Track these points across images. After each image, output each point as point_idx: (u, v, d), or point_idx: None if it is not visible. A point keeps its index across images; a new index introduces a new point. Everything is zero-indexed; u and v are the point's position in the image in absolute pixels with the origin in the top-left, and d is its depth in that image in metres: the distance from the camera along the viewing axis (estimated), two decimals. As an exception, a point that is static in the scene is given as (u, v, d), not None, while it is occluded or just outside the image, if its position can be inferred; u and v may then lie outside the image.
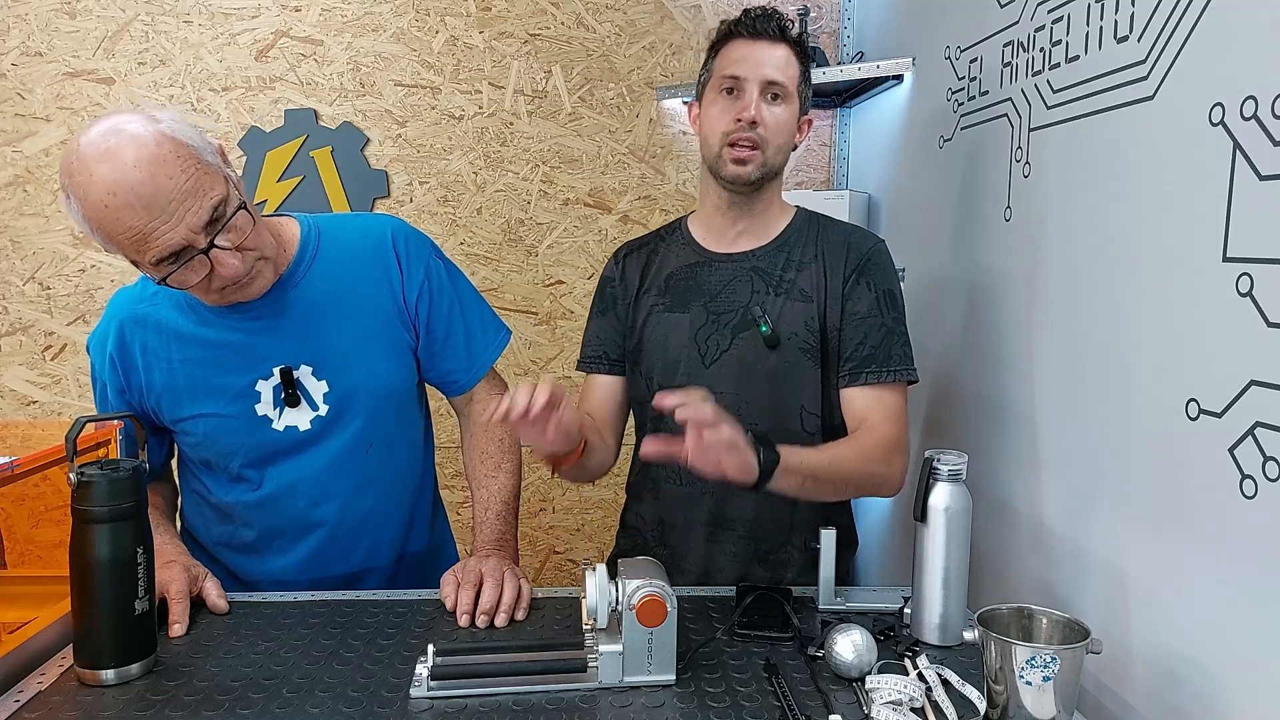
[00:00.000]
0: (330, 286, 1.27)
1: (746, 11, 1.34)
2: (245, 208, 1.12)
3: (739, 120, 1.29)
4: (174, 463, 1.39)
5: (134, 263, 1.10)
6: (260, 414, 1.25)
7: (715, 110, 1.33)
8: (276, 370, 1.24)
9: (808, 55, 1.36)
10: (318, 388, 1.26)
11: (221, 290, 1.15)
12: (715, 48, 1.37)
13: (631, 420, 1.53)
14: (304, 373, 1.26)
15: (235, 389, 1.24)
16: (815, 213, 1.44)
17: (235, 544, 1.33)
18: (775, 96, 1.31)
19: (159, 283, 1.11)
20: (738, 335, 1.35)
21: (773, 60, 1.31)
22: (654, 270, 1.44)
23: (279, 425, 1.26)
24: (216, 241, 1.09)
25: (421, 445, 1.43)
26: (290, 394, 1.24)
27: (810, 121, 1.40)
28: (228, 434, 1.25)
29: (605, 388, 1.49)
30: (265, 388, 1.25)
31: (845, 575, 1.47)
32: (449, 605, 1.20)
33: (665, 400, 1.05)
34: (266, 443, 1.26)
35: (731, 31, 1.34)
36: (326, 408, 1.27)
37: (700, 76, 1.40)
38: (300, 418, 1.26)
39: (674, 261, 1.43)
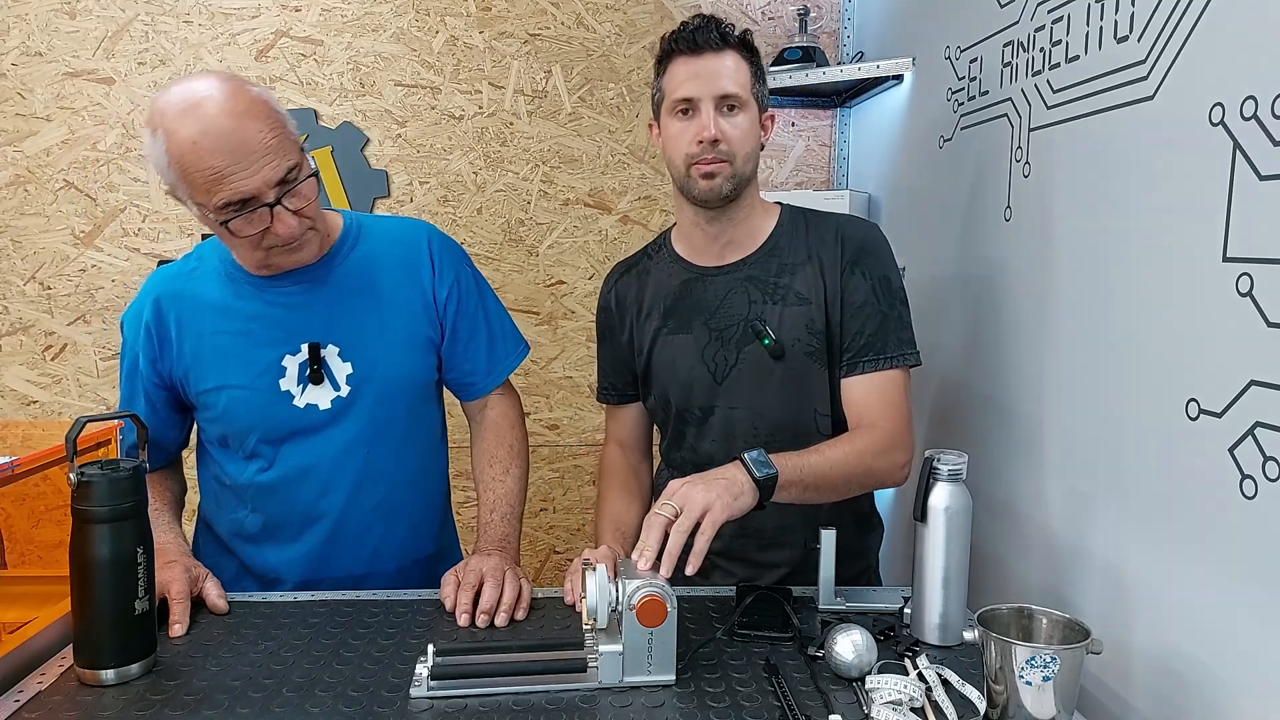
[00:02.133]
0: (365, 275, 1.32)
1: (684, 25, 1.29)
2: (316, 178, 1.20)
3: (700, 142, 1.26)
4: (190, 456, 1.41)
5: (198, 205, 1.15)
6: (283, 389, 1.28)
7: (673, 133, 1.30)
8: (305, 346, 1.28)
9: (756, 52, 1.31)
10: (342, 369, 1.29)
11: (270, 249, 1.20)
12: (661, 64, 1.32)
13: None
14: (330, 352, 1.29)
15: (263, 362, 1.28)
16: (801, 209, 1.40)
17: (243, 533, 1.34)
18: (732, 107, 1.27)
19: (219, 225, 1.16)
20: (743, 349, 1.34)
21: (722, 71, 1.26)
22: (649, 292, 1.43)
23: (300, 402, 1.29)
24: (283, 201, 1.15)
25: (436, 448, 1.44)
26: (315, 370, 1.28)
27: (773, 117, 1.36)
28: (249, 408, 1.28)
29: (624, 415, 1.52)
30: (291, 363, 1.28)
31: (872, 565, 1.46)
32: (449, 605, 1.20)
33: (641, 564, 1.05)
34: (285, 419, 1.28)
35: (673, 49, 1.29)
36: (348, 389, 1.30)
37: (653, 95, 1.36)
38: (321, 396, 1.29)
39: (666, 282, 1.41)
